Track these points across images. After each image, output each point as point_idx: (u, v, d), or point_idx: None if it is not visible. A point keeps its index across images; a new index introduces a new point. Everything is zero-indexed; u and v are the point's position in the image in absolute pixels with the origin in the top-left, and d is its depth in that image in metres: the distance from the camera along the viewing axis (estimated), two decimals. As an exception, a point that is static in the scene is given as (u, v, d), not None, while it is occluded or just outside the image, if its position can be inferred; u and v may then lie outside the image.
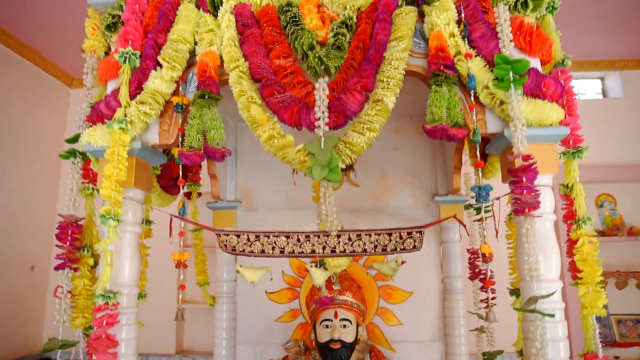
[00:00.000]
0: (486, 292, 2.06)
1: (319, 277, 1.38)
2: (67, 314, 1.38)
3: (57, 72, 3.71)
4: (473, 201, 2.29)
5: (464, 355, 2.24)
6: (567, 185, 1.41)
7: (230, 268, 2.38)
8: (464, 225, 1.68)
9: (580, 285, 1.29)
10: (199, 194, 2.30)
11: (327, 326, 1.83)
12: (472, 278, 2.30)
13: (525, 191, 1.23)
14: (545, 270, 1.26)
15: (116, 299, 1.27)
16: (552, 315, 1.17)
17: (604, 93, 3.81)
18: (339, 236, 1.35)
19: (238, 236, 1.38)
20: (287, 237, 1.36)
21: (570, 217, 1.37)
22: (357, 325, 1.89)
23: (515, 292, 1.67)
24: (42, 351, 1.36)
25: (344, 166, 1.30)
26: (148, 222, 1.82)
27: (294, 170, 2.22)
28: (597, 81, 3.83)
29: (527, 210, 1.22)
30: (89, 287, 1.44)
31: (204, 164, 2.29)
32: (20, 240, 3.40)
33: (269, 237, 1.37)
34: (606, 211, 3.54)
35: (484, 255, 1.26)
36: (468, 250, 2.32)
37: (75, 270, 1.42)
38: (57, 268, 1.40)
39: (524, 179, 1.23)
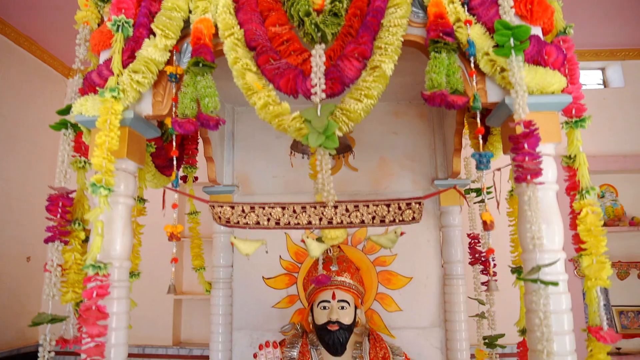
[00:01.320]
0: (487, 273, 2.03)
1: (315, 249, 1.35)
2: (57, 288, 1.34)
3: (53, 62, 3.68)
4: (473, 185, 2.26)
5: (464, 342, 2.21)
6: (570, 156, 1.37)
7: (226, 253, 2.35)
8: (464, 197, 1.64)
9: (585, 256, 1.26)
10: (195, 178, 2.27)
11: (324, 307, 1.80)
12: (472, 263, 2.27)
13: (527, 158, 1.19)
14: (548, 241, 1.22)
15: (107, 270, 1.23)
16: (556, 284, 1.13)
17: (604, 83, 3.78)
18: (335, 207, 1.31)
19: (232, 207, 1.35)
20: (283, 208, 1.33)
21: (573, 187, 1.34)
22: (356, 308, 1.86)
23: (517, 269, 1.63)
24: (31, 324, 1.31)
25: (341, 134, 1.27)
26: (142, 200, 1.79)
27: (291, 152, 2.19)
28: (598, 72, 3.80)
29: (529, 177, 1.18)
30: (79, 262, 1.40)
31: (200, 148, 2.26)
32: (16, 231, 3.36)
33: (264, 208, 1.34)
34: (607, 202, 3.50)
35: (484, 222, 1.22)
36: (468, 235, 2.29)
37: (66, 243, 1.39)
38: (47, 240, 1.36)
39: (526, 146, 1.19)
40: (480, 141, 1.32)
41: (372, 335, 1.89)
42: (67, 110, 1.45)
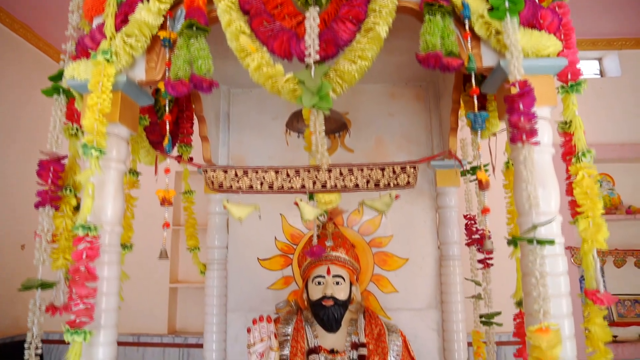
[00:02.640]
0: (482, 251, 2.02)
1: (308, 212, 1.33)
2: (48, 253, 1.32)
3: (49, 49, 3.66)
4: (469, 166, 2.25)
5: (461, 323, 2.19)
6: (566, 122, 1.36)
7: (221, 235, 2.33)
8: (460, 161, 1.63)
9: (581, 219, 1.25)
10: (190, 159, 2.25)
11: (319, 283, 1.78)
12: (469, 244, 2.26)
13: (522, 118, 1.18)
14: (544, 203, 1.21)
15: (97, 232, 1.22)
16: (552, 242, 1.12)
17: (601, 73, 3.78)
18: (329, 171, 1.30)
19: (225, 172, 1.33)
20: (276, 172, 1.32)
21: (569, 152, 1.33)
22: (351, 285, 1.84)
23: (513, 241, 1.62)
24: (20, 288, 1.29)
25: (335, 97, 1.26)
26: (135, 172, 1.77)
27: (286, 131, 2.17)
28: (594, 62, 3.81)
29: (524, 137, 1.17)
30: (70, 229, 1.38)
31: (196, 128, 2.24)
32: (10, 218, 3.34)
33: (257, 172, 1.32)
34: (604, 191, 3.50)
35: (480, 181, 1.21)
36: (465, 216, 2.28)
37: (57, 209, 1.37)
38: (37, 205, 1.34)
39: (521, 106, 1.19)
40: (475, 101, 1.30)
41: (368, 313, 1.87)
42: (59, 76, 1.44)
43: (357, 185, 1.30)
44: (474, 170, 2.07)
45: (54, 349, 3.44)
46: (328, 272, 1.77)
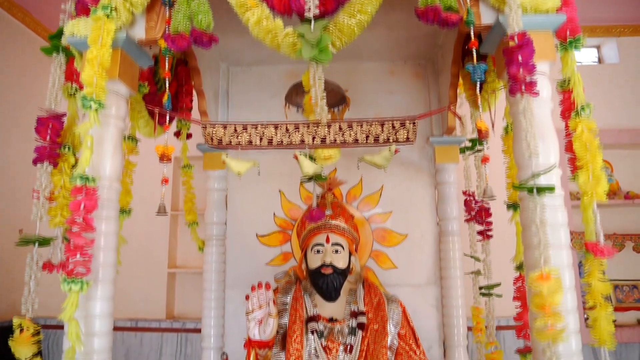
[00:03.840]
0: (482, 220, 2.02)
1: (308, 166, 1.33)
2: (45, 209, 1.32)
3: (47, 34, 3.64)
4: (468, 143, 2.26)
5: (460, 299, 2.19)
6: (565, 80, 1.36)
7: (220, 211, 2.33)
8: (459, 117, 1.62)
9: (581, 172, 1.25)
10: (189, 135, 2.25)
11: (318, 251, 1.77)
12: (468, 220, 2.26)
13: (521, 69, 1.19)
14: (544, 156, 1.21)
15: (95, 183, 1.21)
16: (552, 188, 1.12)
17: (599, 61, 3.79)
18: (329, 126, 1.30)
19: (225, 127, 1.33)
20: (276, 127, 1.31)
21: (568, 109, 1.33)
22: (350, 254, 1.83)
23: (512, 205, 1.62)
24: (18, 243, 1.29)
25: (335, 51, 1.26)
26: (134, 139, 1.76)
27: (285, 104, 2.17)
28: (593, 50, 3.82)
29: (523, 87, 1.18)
30: (69, 187, 1.37)
31: (195, 104, 2.24)
32: (8, 203, 3.32)
33: (256, 127, 1.32)
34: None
35: (479, 130, 1.21)
36: (464, 192, 2.28)
37: (55, 166, 1.37)
38: (35, 161, 1.34)
39: (520, 57, 1.19)
40: (474, 54, 1.30)
41: (367, 283, 1.86)
42: (59, 34, 1.43)
43: (356, 140, 1.30)
44: (473, 142, 2.07)
45: (51, 335, 3.42)
46: (327, 240, 1.76)
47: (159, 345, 3.35)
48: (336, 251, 1.76)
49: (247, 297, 1.64)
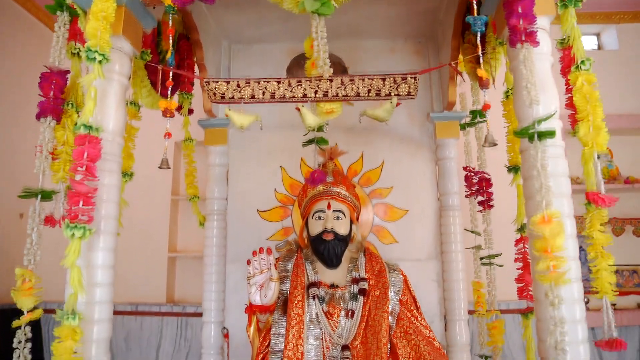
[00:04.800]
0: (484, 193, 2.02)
1: (310, 118, 1.33)
2: (48, 162, 1.32)
3: (38, 12, 3.61)
4: (468, 119, 2.26)
5: (461, 272, 2.19)
6: (564, 38, 1.37)
7: (221, 186, 2.33)
8: (460, 73, 1.63)
9: (581, 124, 1.25)
10: (191, 111, 2.25)
11: (319, 218, 1.77)
12: (468, 195, 2.26)
13: (521, 20, 1.19)
14: (544, 107, 1.22)
15: (98, 133, 1.22)
16: (553, 133, 1.13)
17: (599, 47, 3.81)
18: (331, 80, 1.30)
19: (227, 82, 1.34)
20: (278, 82, 1.32)
21: (568, 64, 1.34)
22: (351, 223, 1.83)
23: (513, 168, 1.63)
24: (20, 195, 1.29)
25: (337, 5, 1.27)
26: (136, 104, 1.76)
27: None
28: (593, 37, 3.84)
29: (523, 37, 1.18)
30: (72, 144, 1.38)
31: (196, 84, 2.24)
32: (8, 187, 3.32)
33: (259, 82, 1.33)
34: (603, 163, 3.51)
35: (480, 79, 1.21)
36: (464, 168, 2.29)
37: (58, 121, 1.37)
38: (38, 116, 1.34)
39: (520, 8, 1.20)
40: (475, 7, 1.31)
41: (368, 252, 1.86)
42: (62, -8, 1.44)
43: (358, 94, 1.31)
44: (474, 114, 2.08)
45: (51, 319, 3.41)
46: (328, 207, 1.76)
47: (159, 329, 3.34)
48: (337, 218, 1.76)
49: (248, 262, 1.64)
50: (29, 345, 1.27)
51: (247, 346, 1.87)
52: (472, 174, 2.25)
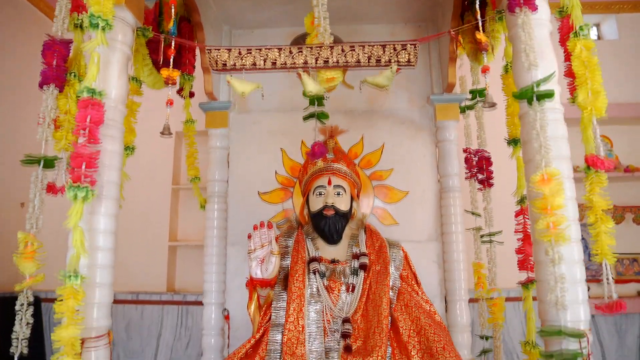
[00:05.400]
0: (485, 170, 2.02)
1: (311, 85, 1.34)
2: (51, 130, 1.33)
3: (45, 7, 3.64)
4: (468, 102, 2.27)
5: (461, 253, 2.20)
6: (563, 7, 1.38)
7: (222, 169, 2.33)
8: (459, 43, 1.63)
9: (580, 90, 1.26)
10: (192, 94, 2.26)
11: (320, 194, 1.78)
12: (468, 177, 2.27)
13: (521, -16, 1.20)
14: (542, 71, 1.23)
15: (101, 97, 1.23)
16: (551, 94, 1.13)
17: (599, 37, 3.83)
18: (331, 48, 1.31)
19: (229, 50, 1.35)
20: (279, 49, 1.33)
21: (567, 31, 1.34)
22: (352, 199, 1.84)
23: (513, 141, 1.64)
24: (23, 161, 1.30)
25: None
26: (137, 80, 1.77)
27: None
28: (592, 27, 3.86)
29: (522, 1, 1.19)
30: (75, 113, 1.39)
31: (197, 59, 2.25)
32: (9, 175, 3.33)
33: (260, 50, 1.34)
34: (602, 152, 3.51)
35: (479, 42, 1.22)
36: (464, 150, 2.29)
37: (61, 90, 1.38)
38: (41, 84, 1.35)
39: (520, -26, 1.21)
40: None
41: (369, 229, 1.87)
42: (65, -36, 1.45)
43: (358, 62, 1.32)
44: (474, 93, 2.08)
45: (51, 309, 3.42)
46: (329, 183, 1.77)
47: (159, 318, 3.34)
48: (338, 194, 1.77)
49: (249, 237, 1.65)
50: (30, 311, 1.27)
51: (248, 328, 1.88)
52: (472, 155, 2.26)
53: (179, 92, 2.23)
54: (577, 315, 1.11)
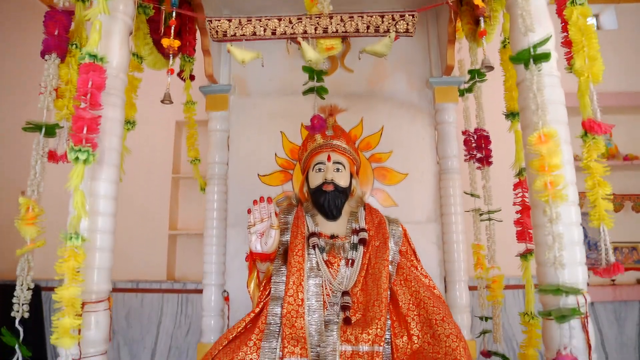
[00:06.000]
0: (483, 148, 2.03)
1: (311, 52, 1.35)
2: (52, 97, 1.34)
3: None
4: (466, 85, 2.28)
5: (460, 234, 2.20)
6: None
7: (222, 151, 2.34)
8: (457, 11, 1.64)
9: (576, 57, 1.26)
10: (192, 77, 2.27)
11: (320, 169, 1.78)
12: (467, 159, 2.28)
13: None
14: (539, 36, 1.24)
15: (103, 63, 1.24)
16: (548, 55, 1.14)
17: (598, 28, 3.85)
18: (331, 17, 1.32)
19: (229, 20, 1.36)
20: (279, 19, 1.34)
21: (564, 2, 1.35)
22: (351, 176, 1.85)
23: (510, 114, 1.65)
24: (24, 128, 1.31)
25: None
26: (138, 56, 1.78)
27: (287, 40, 2.20)
28: (592, 18, 3.87)
29: (521, -34, 1.20)
30: (76, 83, 1.40)
31: (198, 42, 2.27)
32: (10, 163, 3.35)
33: (260, 19, 1.35)
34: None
35: (477, 6, 1.23)
36: (463, 132, 2.30)
37: (62, 60, 1.39)
38: (43, 53, 1.36)
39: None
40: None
41: (368, 206, 1.87)
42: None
43: (357, 30, 1.33)
44: (472, 73, 2.10)
45: (51, 297, 3.42)
46: (328, 159, 1.78)
47: (159, 306, 3.35)
48: (337, 169, 1.78)
49: (249, 211, 1.65)
50: (31, 276, 1.28)
51: (248, 309, 1.87)
52: (471, 137, 2.27)
53: (180, 74, 2.25)
54: (575, 276, 1.11)
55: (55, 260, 1.26)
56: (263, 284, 1.73)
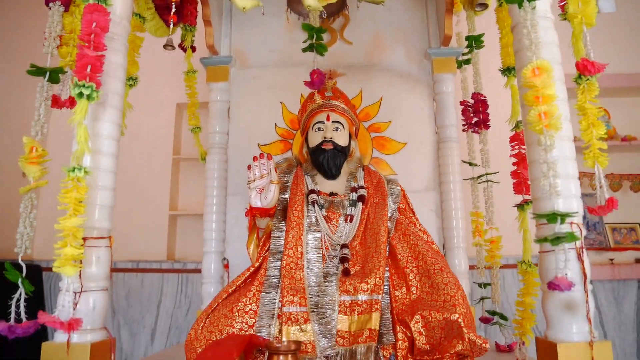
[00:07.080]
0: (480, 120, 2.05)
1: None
2: (56, 43, 1.36)
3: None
4: (464, 57, 2.31)
5: (459, 201, 2.22)
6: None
7: (222, 121, 2.37)
8: None
9: (570, 1, 1.29)
10: (193, 48, 2.30)
11: (319, 129, 1.81)
12: (466, 129, 2.30)
13: None
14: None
15: (107, 5, 1.26)
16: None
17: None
18: (330, -36, 1.35)
19: (230, -32, 1.38)
20: (279, -34, 1.36)
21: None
22: (350, 137, 1.87)
23: (507, 69, 1.67)
24: (29, 71, 1.33)
25: None
26: (141, 16, 1.81)
27: (287, 9, 2.23)
28: None
29: None
30: (79, 31, 1.42)
31: (199, 14, 2.30)
32: (11, 145, 3.37)
33: (260, -34, 1.37)
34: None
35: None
36: (461, 103, 2.32)
37: (66, 9, 1.42)
38: (47, 1, 1.39)
39: None
40: None
41: (366, 167, 1.90)
42: None
43: (356, -23, 1.35)
44: (469, 41, 2.12)
45: (53, 277, 3.43)
46: (327, 118, 1.80)
47: (159, 286, 3.36)
48: (336, 129, 1.80)
49: (249, 168, 1.67)
50: (34, 214, 1.29)
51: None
52: (469, 106, 2.29)
53: (181, 45, 2.28)
54: (570, 207, 1.13)
55: (55, 241, 1.26)
56: (262, 240, 1.75)
